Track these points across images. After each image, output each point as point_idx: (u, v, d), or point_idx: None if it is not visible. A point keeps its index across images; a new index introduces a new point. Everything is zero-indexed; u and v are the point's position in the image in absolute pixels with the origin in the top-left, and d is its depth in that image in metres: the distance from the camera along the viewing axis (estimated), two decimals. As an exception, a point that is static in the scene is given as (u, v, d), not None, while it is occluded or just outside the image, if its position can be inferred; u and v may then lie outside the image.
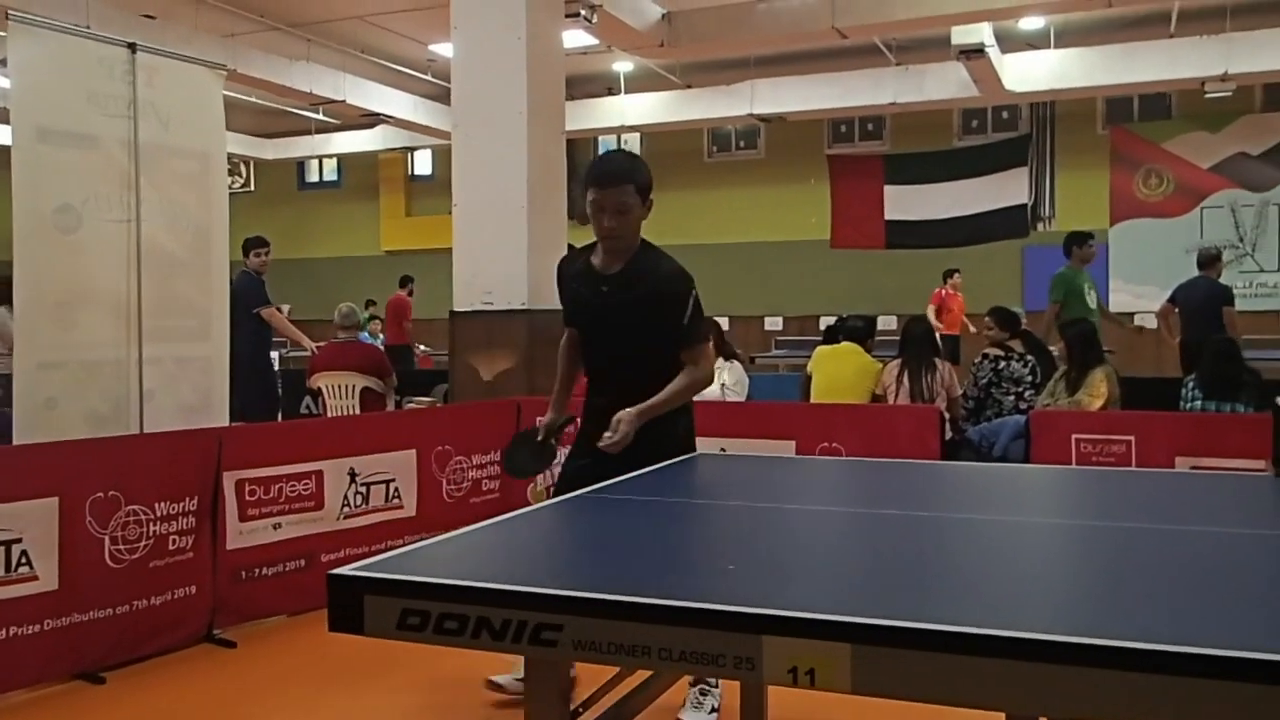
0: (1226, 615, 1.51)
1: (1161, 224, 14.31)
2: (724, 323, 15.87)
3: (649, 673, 2.24)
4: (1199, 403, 5.29)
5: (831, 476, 3.11)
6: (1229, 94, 12.65)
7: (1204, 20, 11.63)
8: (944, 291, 12.97)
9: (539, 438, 3.41)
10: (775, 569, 1.82)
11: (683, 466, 3.00)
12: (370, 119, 14.47)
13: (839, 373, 6.30)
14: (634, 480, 2.73)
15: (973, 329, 11.55)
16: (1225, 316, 8.14)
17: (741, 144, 16.72)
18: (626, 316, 3.19)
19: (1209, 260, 8.78)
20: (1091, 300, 8.09)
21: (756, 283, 15.83)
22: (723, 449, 4.95)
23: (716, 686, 3.36)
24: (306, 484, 4.67)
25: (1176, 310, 8.66)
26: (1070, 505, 2.58)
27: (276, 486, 4.55)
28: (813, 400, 6.32)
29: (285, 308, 7.13)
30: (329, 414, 6.80)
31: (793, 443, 5.14)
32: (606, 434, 3.01)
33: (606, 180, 3.13)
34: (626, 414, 3.02)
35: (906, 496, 2.61)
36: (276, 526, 4.55)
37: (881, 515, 2.37)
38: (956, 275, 12.94)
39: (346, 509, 4.83)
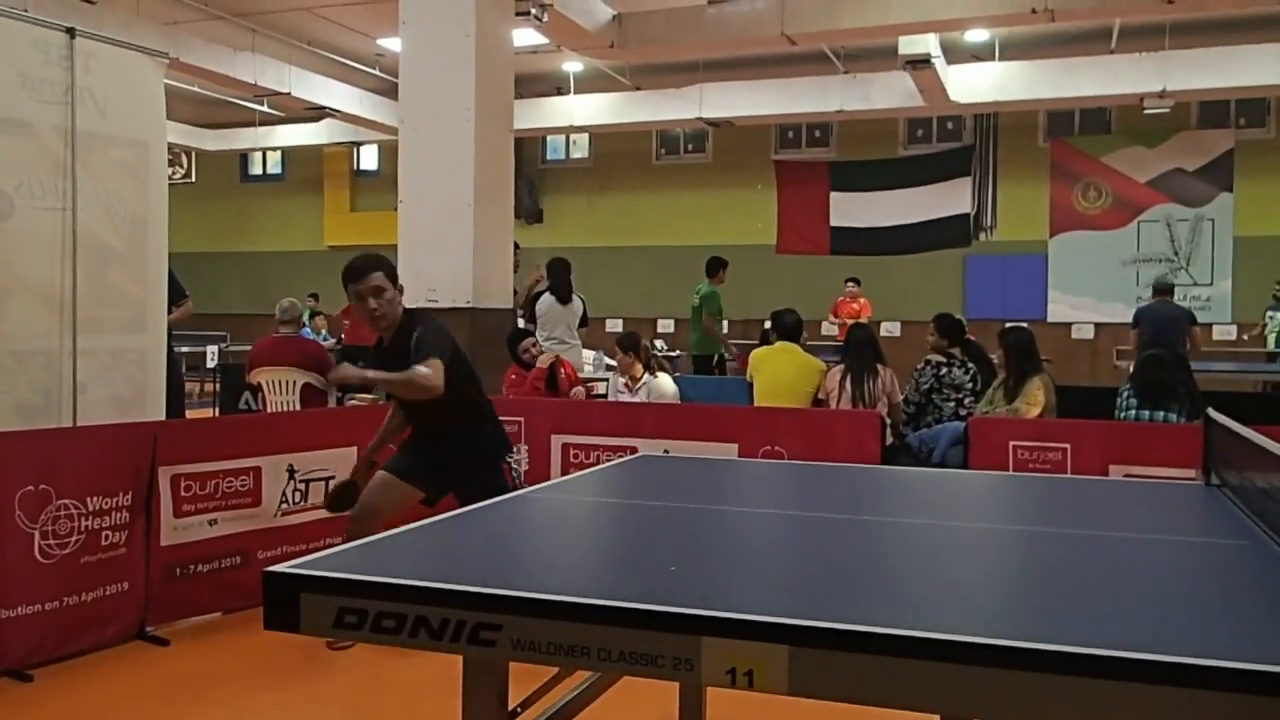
0: (1155, 620, 1.55)
1: (1099, 236, 14.62)
2: (668, 325, 16.05)
3: (588, 673, 2.24)
4: (1134, 411, 5.40)
5: (773, 479, 3.13)
6: (1167, 110, 12.96)
7: (1143, 37, 11.91)
8: (839, 299, 13.03)
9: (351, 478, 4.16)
10: (716, 571, 1.83)
11: (626, 467, 3.01)
12: (315, 112, 14.30)
13: (779, 374, 6.35)
14: (576, 480, 2.73)
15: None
16: (1191, 336, 9.01)
17: (689, 147, 16.78)
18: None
19: (1167, 288, 9.67)
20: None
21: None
22: (666, 450, 4.97)
23: None
24: (244, 480, 4.60)
25: (1136, 332, 9.31)
26: (1006, 511, 2.62)
27: (213, 482, 4.48)
28: (757, 403, 6.36)
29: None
30: (268, 410, 6.70)
31: (735, 446, 5.17)
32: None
33: (354, 275, 3.87)
34: (350, 367, 3.84)
35: (846, 500, 2.64)
36: (212, 523, 4.48)
37: (822, 518, 2.39)
38: (849, 284, 12.99)
39: (285, 506, 4.76)
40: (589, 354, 8.76)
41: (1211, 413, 2.72)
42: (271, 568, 1.66)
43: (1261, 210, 13.81)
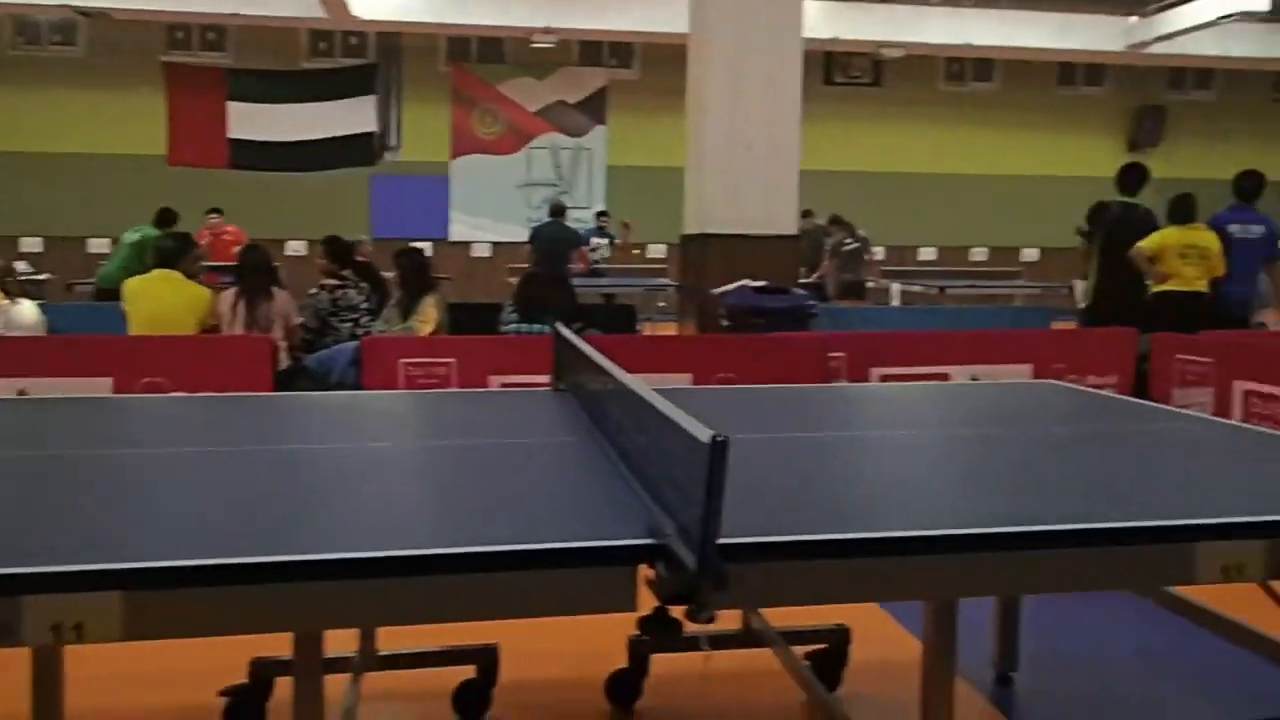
0: (508, 516, 1.72)
1: (495, 160, 15.57)
2: (38, 244, 14.13)
3: None
4: (514, 325, 5.85)
5: (150, 416, 2.92)
6: (552, 45, 14.08)
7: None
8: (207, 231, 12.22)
9: None
10: (50, 523, 1.67)
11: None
12: None
13: (160, 305, 5.75)
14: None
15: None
16: (579, 255, 10.55)
17: (57, 39, 14.74)
18: None
19: (560, 210, 10.83)
20: None
21: (78, 200, 14.23)
22: (22, 391, 4.41)
23: None
24: None
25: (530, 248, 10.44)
26: (390, 428, 2.72)
27: None
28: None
29: None
30: None
31: (110, 380, 4.72)
32: None
33: None
34: None
35: (230, 432, 2.55)
36: None
37: (199, 453, 2.29)
38: (212, 216, 12.10)
39: None
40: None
41: (559, 327, 3.05)
42: None
43: (629, 143, 15.61)
